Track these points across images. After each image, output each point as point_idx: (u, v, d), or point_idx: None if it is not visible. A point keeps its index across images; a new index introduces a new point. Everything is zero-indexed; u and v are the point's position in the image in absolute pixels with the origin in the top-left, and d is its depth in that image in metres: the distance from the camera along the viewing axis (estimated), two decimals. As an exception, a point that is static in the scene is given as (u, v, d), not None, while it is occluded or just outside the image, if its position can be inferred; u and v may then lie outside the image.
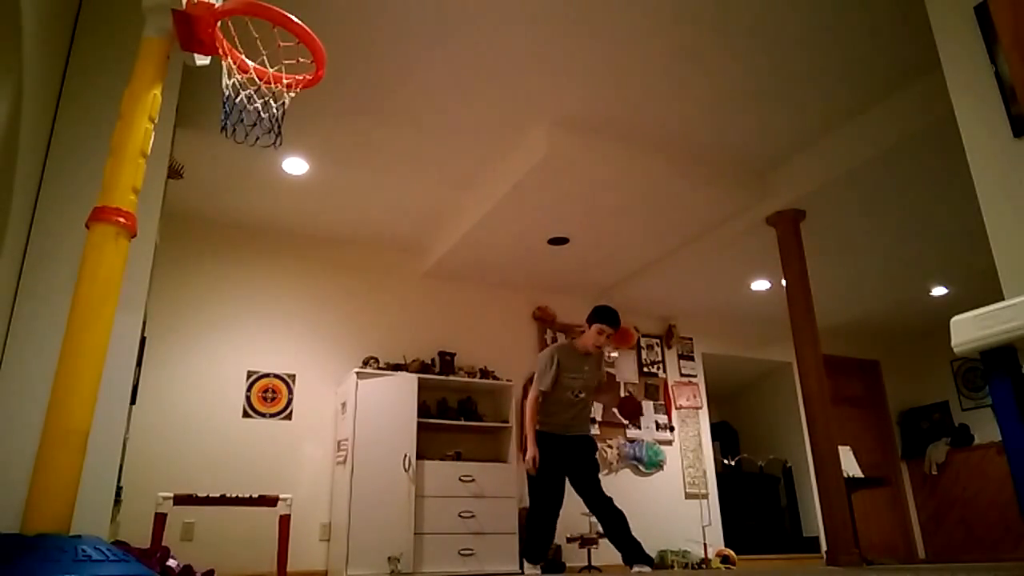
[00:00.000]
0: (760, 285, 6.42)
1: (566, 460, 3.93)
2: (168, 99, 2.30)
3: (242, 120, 2.08)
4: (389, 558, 4.62)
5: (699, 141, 4.58)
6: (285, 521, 3.66)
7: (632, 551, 3.73)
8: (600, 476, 3.98)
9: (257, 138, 2.12)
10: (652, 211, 5.09)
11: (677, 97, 4.11)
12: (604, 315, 3.97)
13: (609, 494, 3.88)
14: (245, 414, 5.17)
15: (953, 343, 1.42)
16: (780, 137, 4.55)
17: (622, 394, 6.65)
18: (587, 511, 5.71)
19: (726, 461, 7.45)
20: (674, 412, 6.81)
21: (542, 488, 3.88)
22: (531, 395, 3.96)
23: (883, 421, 8.04)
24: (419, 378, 5.31)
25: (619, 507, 3.83)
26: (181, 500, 3.72)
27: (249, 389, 5.25)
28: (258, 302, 5.48)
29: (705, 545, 6.20)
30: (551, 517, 3.87)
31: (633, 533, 3.78)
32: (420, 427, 5.14)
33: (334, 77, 3.72)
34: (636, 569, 3.67)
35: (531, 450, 3.86)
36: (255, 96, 2.09)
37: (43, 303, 2.27)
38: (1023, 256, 2.33)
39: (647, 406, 6.71)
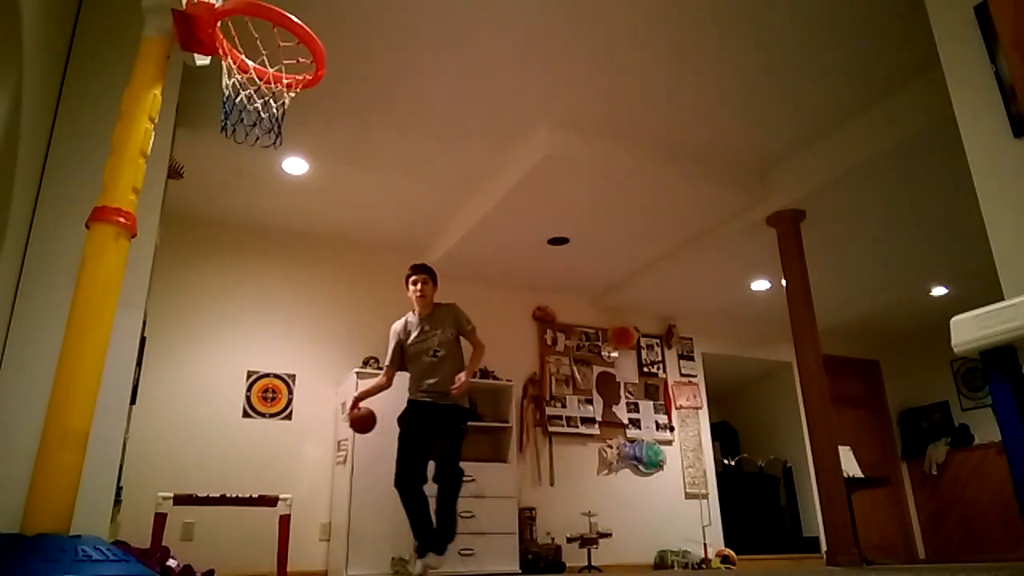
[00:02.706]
0: (760, 285, 6.42)
1: (432, 427, 3.93)
2: (168, 99, 2.30)
3: (242, 120, 2.08)
4: (394, 559, 4.61)
5: (699, 141, 4.58)
6: (285, 521, 3.67)
7: (441, 534, 3.77)
8: (461, 449, 3.99)
9: (257, 138, 2.12)
10: (652, 211, 5.09)
11: (677, 97, 4.11)
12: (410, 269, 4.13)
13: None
14: (245, 414, 5.17)
15: (953, 343, 1.42)
16: (780, 137, 4.55)
17: (623, 394, 6.65)
18: (586, 511, 5.77)
19: (726, 461, 7.45)
20: (674, 412, 6.81)
21: (400, 455, 3.90)
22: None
23: (883, 421, 8.04)
24: (419, 378, 5.30)
25: (458, 491, 3.87)
26: (181, 500, 3.72)
27: (249, 389, 5.25)
28: (258, 302, 5.47)
29: (705, 545, 6.20)
30: (411, 485, 3.82)
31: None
32: (420, 427, 5.13)
33: (334, 77, 3.71)
34: (422, 561, 3.71)
35: (351, 402, 4.06)
36: (255, 96, 2.09)
37: (43, 303, 2.27)
38: (1023, 256, 2.33)
39: (647, 406, 6.71)
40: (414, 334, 4.09)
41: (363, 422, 4.08)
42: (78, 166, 2.44)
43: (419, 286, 4.07)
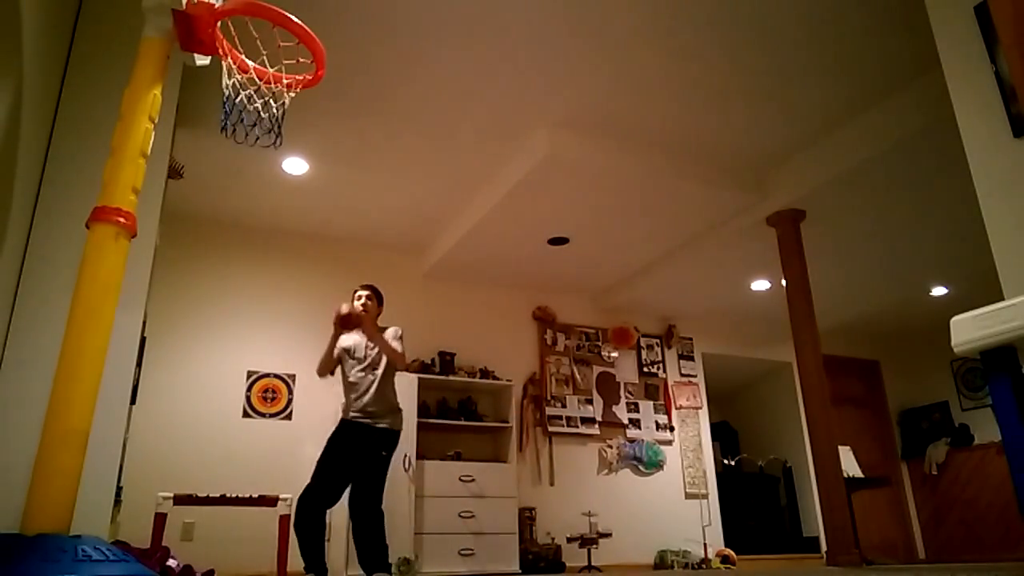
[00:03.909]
0: (760, 285, 6.42)
1: (354, 450, 3.64)
2: (168, 99, 2.30)
3: (242, 120, 2.08)
4: (399, 559, 4.61)
5: (699, 141, 4.58)
6: (285, 521, 3.66)
7: (369, 563, 3.53)
8: (385, 486, 3.66)
9: (257, 138, 2.12)
10: (652, 211, 5.09)
11: (677, 98, 4.11)
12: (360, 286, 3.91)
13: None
14: (245, 414, 5.17)
15: (953, 343, 1.42)
16: (780, 137, 4.55)
17: (623, 394, 6.65)
18: (586, 511, 5.77)
19: (726, 461, 7.45)
20: (674, 412, 6.81)
21: (316, 473, 3.63)
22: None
23: (883, 421, 8.04)
24: (419, 378, 5.31)
25: (374, 525, 3.56)
26: (181, 500, 3.72)
27: (249, 389, 5.25)
28: (258, 302, 5.47)
29: (705, 545, 6.20)
30: (312, 509, 3.53)
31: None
32: (420, 427, 5.14)
33: (334, 77, 3.71)
34: None
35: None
36: (255, 96, 2.09)
37: (43, 303, 2.27)
38: (1023, 256, 2.33)
39: (647, 406, 6.71)
40: (352, 348, 3.82)
41: (349, 319, 3.75)
42: (78, 166, 2.44)
43: (362, 300, 3.82)
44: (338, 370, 3.87)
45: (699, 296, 6.70)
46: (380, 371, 3.74)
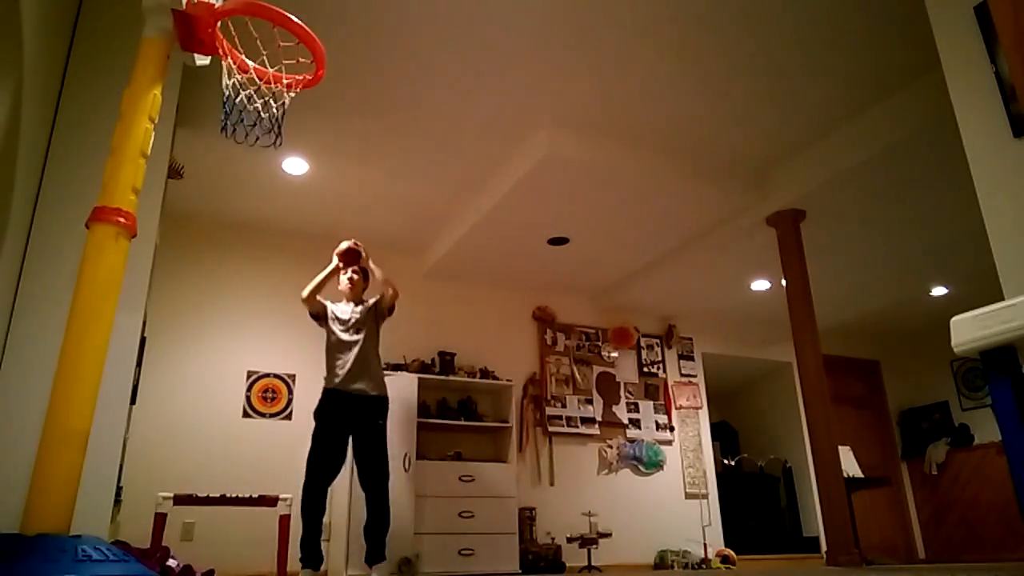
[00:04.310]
0: (760, 285, 6.42)
1: (347, 421, 3.72)
2: (168, 99, 2.30)
3: (242, 120, 2.08)
4: (400, 559, 4.61)
5: (699, 141, 4.58)
6: (285, 521, 3.66)
7: (374, 551, 3.64)
8: (389, 457, 3.74)
9: (257, 138, 2.12)
10: (652, 211, 5.09)
11: (677, 97, 4.11)
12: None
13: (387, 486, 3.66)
14: (245, 414, 5.17)
15: (953, 343, 1.42)
16: (780, 137, 4.55)
17: (622, 394, 6.65)
18: (586, 511, 5.77)
19: (726, 461, 7.45)
20: (674, 412, 6.81)
21: (314, 451, 3.69)
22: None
23: (883, 421, 8.04)
24: (419, 378, 5.31)
25: (387, 501, 3.66)
26: (181, 500, 3.72)
27: (249, 389, 5.25)
28: (258, 302, 5.47)
29: (705, 545, 6.20)
30: (318, 489, 3.62)
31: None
32: (420, 427, 5.13)
33: (334, 77, 3.71)
34: (381, 570, 3.63)
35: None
36: (255, 96, 2.09)
37: (43, 303, 2.27)
38: (1023, 256, 2.33)
39: (646, 406, 6.71)
40: (339, 313, 3.93)
41: (351, 253, 3.92)
42: (78, 166, 2.44)
43: (348, 275, 3.97)
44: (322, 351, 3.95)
45: (699, 296, 6.70)
46: (365, 334, 3.84)
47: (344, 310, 3.95)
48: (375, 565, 3.68)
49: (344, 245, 3.94)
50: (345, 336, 3.84)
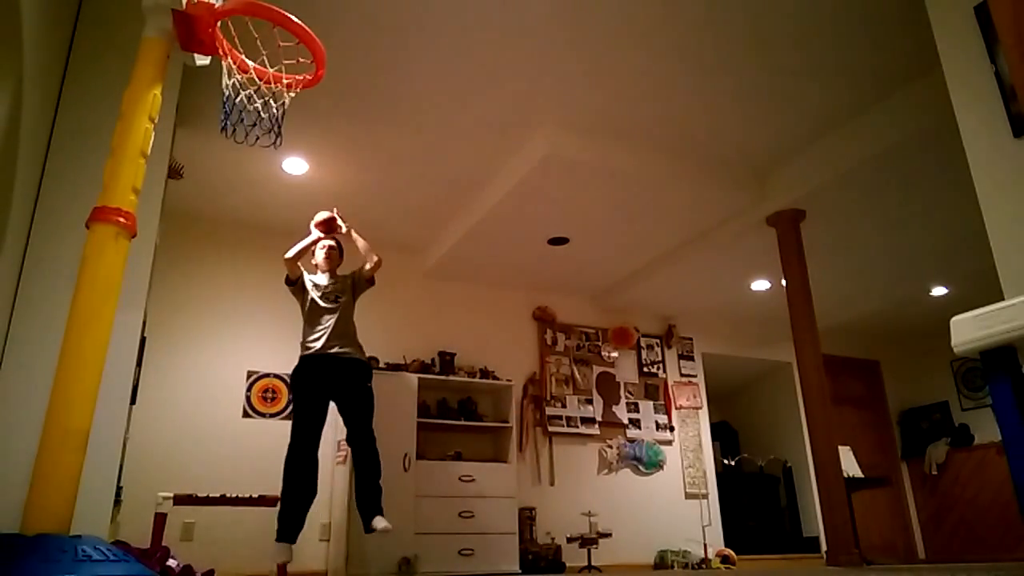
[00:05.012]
0: (760, 285, 6.42)
1: (329, 384, 3.66)
2: (168, 99, 2.30)
3: (242, 120, 2.08)
4: (400, 559, 4.61)
5: (699, 141, 4.58)
6: (285, 521, 3.66)
7: (371, 507, 3.54)
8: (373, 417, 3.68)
9: (257, 138, 2.12)
10: (652, 211, 5.09)
11: (677, 98, 4.11)
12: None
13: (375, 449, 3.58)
14: (245, 414, 5.17)
15: (953, 343, 1.42)
16: (780, 137, 4.55)
17: (623, 394, 6.65)
18: (586, 511, 5.77)
19: (726, 461, 7.45)
20: (674, 412, 6.81)
21: (297, 418, 3.62)
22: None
23: (883, 421, 8.04)
24: (419, 378, 5.31)
25: (378, 459, 3.61)
26: (181, 500, 3.72)
27: (249, 389, 5.25)
28: (258, 302, 5.47)
29: (705, 545, 6.20)
30: (304, 453, 3.55)
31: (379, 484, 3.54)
32: (420, 427, 5.13)
33: (334, 77, 3.71)
34: (379, 525, 3.50)
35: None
36: (255, 96, 2.09)
37: (43, 303, 2.27)
38: (1023, 256, 2.33)
39: (647, 406, 6.71)
40: (320, 282, 3.91)
41: (331, 223, 3.91)
42: (78, 166, 2.44)
43: (325, 250, 3.97)
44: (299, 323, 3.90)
45: (699, 296, 6.70)
46: (343, 303, 3.85)
47: (321, 279, 3.95)
48: (376, 517, 3.54)
49: (322, 215, 3.94)
50: (323, 303, 3.83)
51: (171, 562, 2.80)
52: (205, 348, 5.19)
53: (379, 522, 3.51)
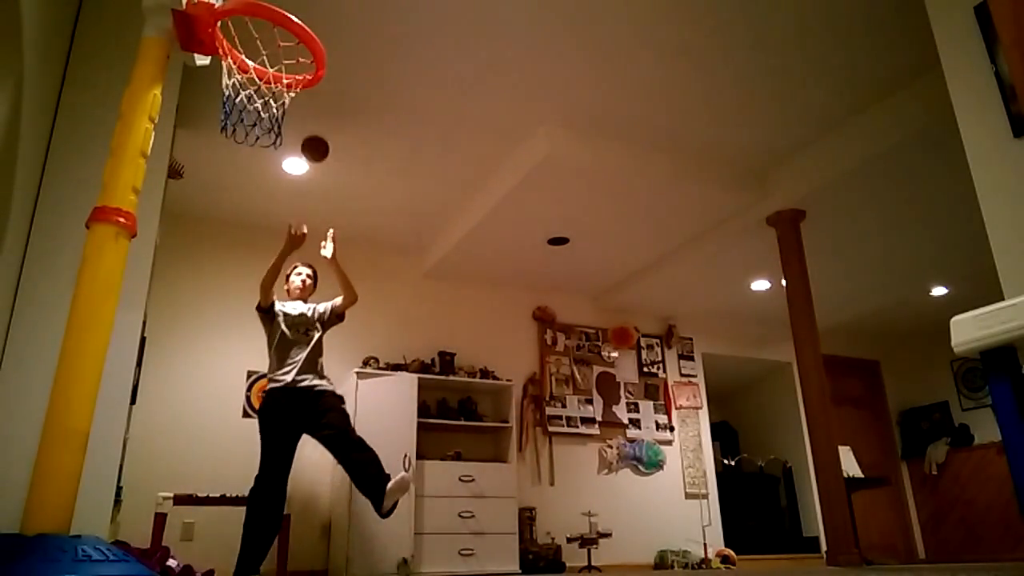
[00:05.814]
0: (760, 285, 6.42)
1: (300, 417, 3.53)
2: (168, 99, 2.30)
3: (242, 120, 2.08)
4: (399, 559, 4.60)
5: (699, 141, 4.58)
6: (285, 521, 3.66)
7: (376, 486, 3.38)
8: (353, 427, 3.57)
9: (257, 138, 2.12)
10: (652, 211, 5.09)
11: (677, 98, 4.11)
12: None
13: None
14: (245, 414, 5.17)
15: (953, 343, 1.42)
16: (780, 137, 4.55)
17: (623, 394, 6.65)
18: (586, 511, 5.77)
19: (726, 461, 7.44)
20: (674, 412, 6.81)
21: (266, 452, 3.47)
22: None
23: (883, 421, 8.04)
24: (419, 378, 5.30)
25: (372, 451, 3.45)
26: (181, 500, 3.72)
27: (249, 389, 5.24)
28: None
29: (705, 545, 6.20)
30: (272, 485, 3.41)
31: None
32: (420, 427, 5.13)
33: (334, 77, 3.71)
34: (393, 480, 3.36)
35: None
36: (255, 96, 2.09)
37: (43, 303, 2.27)
38: (1023, 256, 2.33)
39: (647, 406, 6.71)
40: (293, 312, 3.82)
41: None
42: (78, 166, 2.44)
43: (303, 276, 3.96)
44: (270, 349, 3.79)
45: (699, 296, 6.70)
46: (315, 336, 3.75)
47: (294, 307, 3.83)
48: (387, 486, 3.39)
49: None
50: (292, 336, 3.71)
51: (171, 562, 2.80)
52: (205, 348, 5.19)
53: (392, 483, 3.36)
